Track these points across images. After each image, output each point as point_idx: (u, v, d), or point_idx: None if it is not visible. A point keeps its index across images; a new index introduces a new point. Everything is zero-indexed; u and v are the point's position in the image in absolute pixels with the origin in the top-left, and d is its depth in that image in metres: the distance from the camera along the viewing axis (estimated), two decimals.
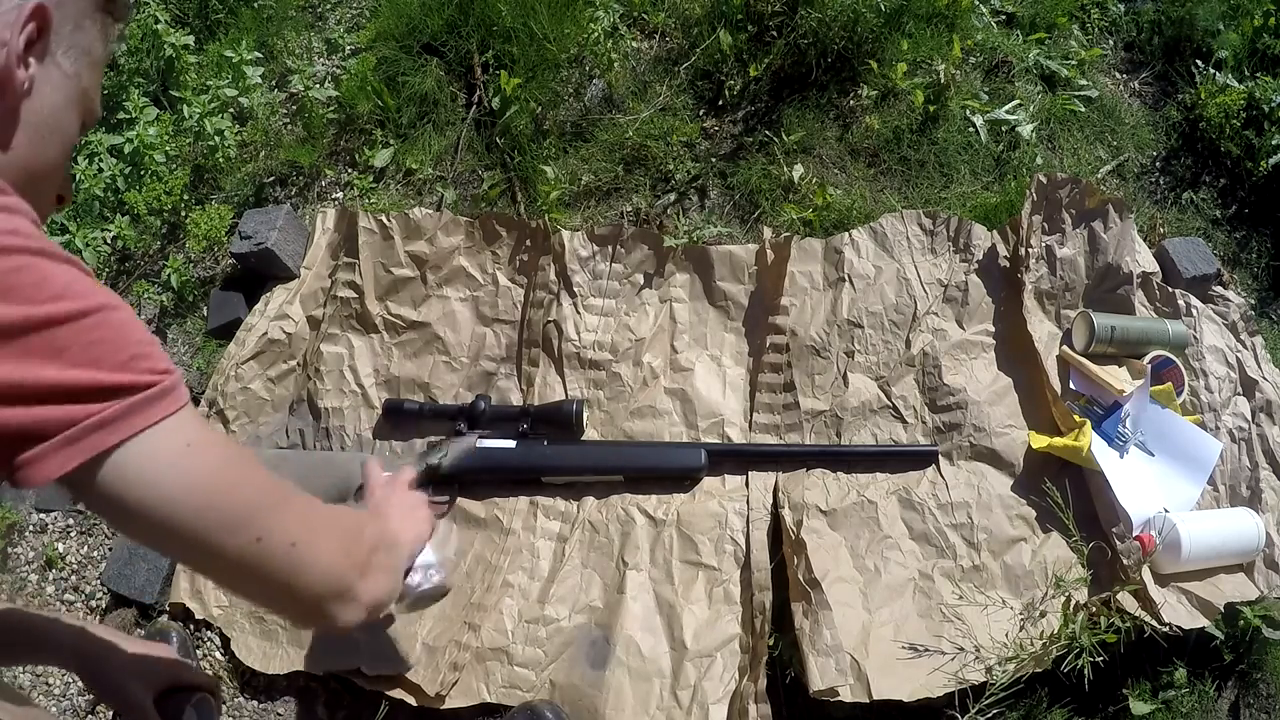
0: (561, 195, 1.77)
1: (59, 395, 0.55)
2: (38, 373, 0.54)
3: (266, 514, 0.65)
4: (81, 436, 0.56)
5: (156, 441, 0.59)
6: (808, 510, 1.46)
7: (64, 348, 0.56)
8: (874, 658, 1.32)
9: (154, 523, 0.60)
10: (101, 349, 0.57)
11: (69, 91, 0.67)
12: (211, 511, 0.62)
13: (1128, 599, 1.38)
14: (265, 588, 0.68)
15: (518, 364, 1.62)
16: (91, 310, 0.57)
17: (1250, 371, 1.65)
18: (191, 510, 0.61)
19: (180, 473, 0.60)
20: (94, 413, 0.56)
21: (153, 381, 0.59)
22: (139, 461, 0.58)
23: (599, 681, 1.34)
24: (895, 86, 1.86)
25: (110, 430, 0.57)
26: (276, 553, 0.65)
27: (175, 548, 0.64)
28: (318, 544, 0.69)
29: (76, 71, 0.67)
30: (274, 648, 1.43)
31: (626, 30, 1.93)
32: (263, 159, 1.88)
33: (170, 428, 0.60)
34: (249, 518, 0.64)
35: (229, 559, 0.64)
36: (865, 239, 1.63)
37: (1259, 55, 2.02)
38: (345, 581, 0.71)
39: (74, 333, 0.56)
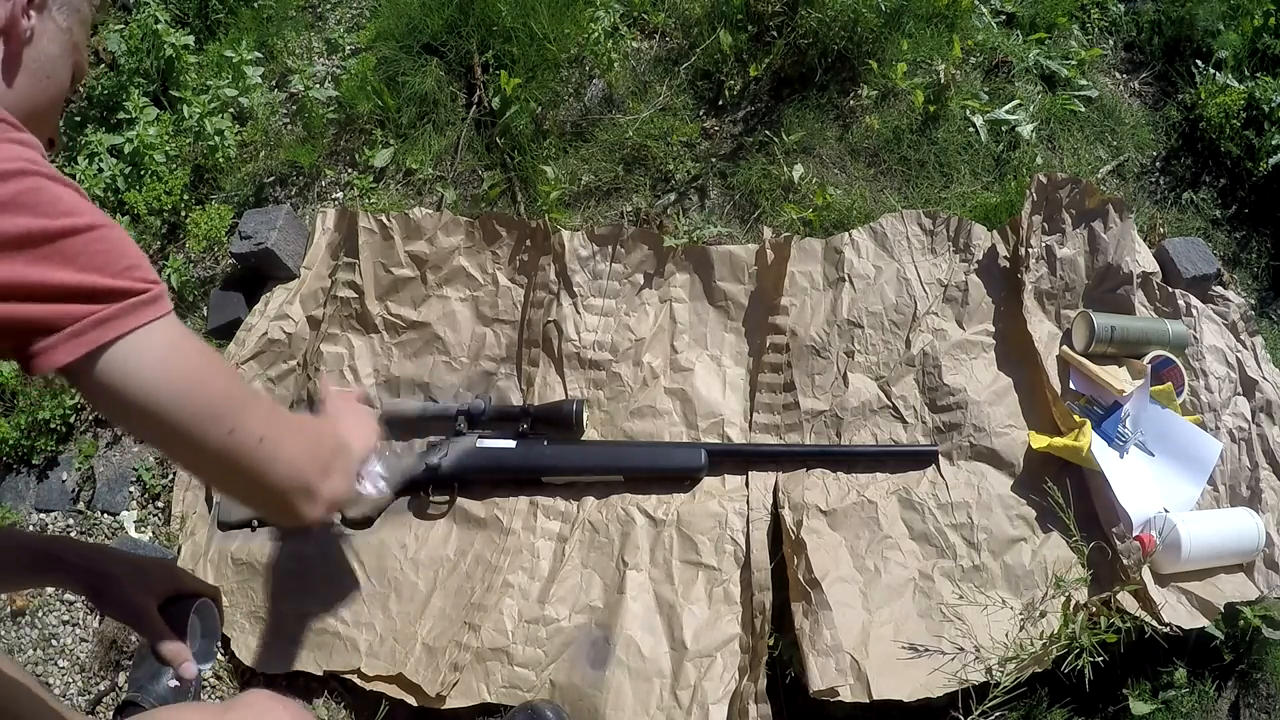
0: (561, 195, 1.77)
1: (69, 295, 0.64)
2: (52, 275, 0.64)
3: (237, 409, 0.72)
4: (86, 330, 0.65)
5: (147, 339, 0.67)
6: (808, 510, 1.46)
7: (74, 255, 0.65)
8: (874, 658, 1.32)
9: (141, 410, 0.68)
10: (105, 258, 0.67)
11: (63, 43, 0.78)
12: (190, 402, 0.69)
13: (1128, 599, 1.38)
14: (238, 479, 0.75)
15: (518, 364, 1.62)
16: (96, 225, 0.67)
17: (1250, 371, 1.65)
18: (172, 400, 0.69)
19: (165, 366, 0.69)
20: (96, 311, 0.65)
21: (145, 288, 0.68)
22: (132, 355, 0.67)
23: (599, 681, 1.34)
24: (895, 86, 1.86)
25: (110, 326, 0.66)
26: (247, 445, 0.73)
27: (158, 436, 0.71)
28: (283, 442, 0.76)
29: (69, 26, 0.78)
30: (274, 648, 1.43)
31: (626, 30, 1.93)
32: (263, 159, 1.88)
33: (158, 328, 0.69)
34: (222, 410, 0.71)
35: (206, 449, 0.71)
36: (865, 239, 1.63)
37: (1259, 55, 2.02)
38: (308, 478, 0.78)
39: (82, 243, 0.66)
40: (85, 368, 0.66)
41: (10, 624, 1.54)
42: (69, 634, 1.53)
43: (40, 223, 0.63)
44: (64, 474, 1.64)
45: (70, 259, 0.65)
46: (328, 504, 0.81)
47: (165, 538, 1.55)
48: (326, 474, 0.81)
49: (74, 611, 1.54)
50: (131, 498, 1.61)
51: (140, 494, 1.61)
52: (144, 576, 0.94)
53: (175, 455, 0.76)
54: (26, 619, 1.54)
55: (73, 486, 1.63)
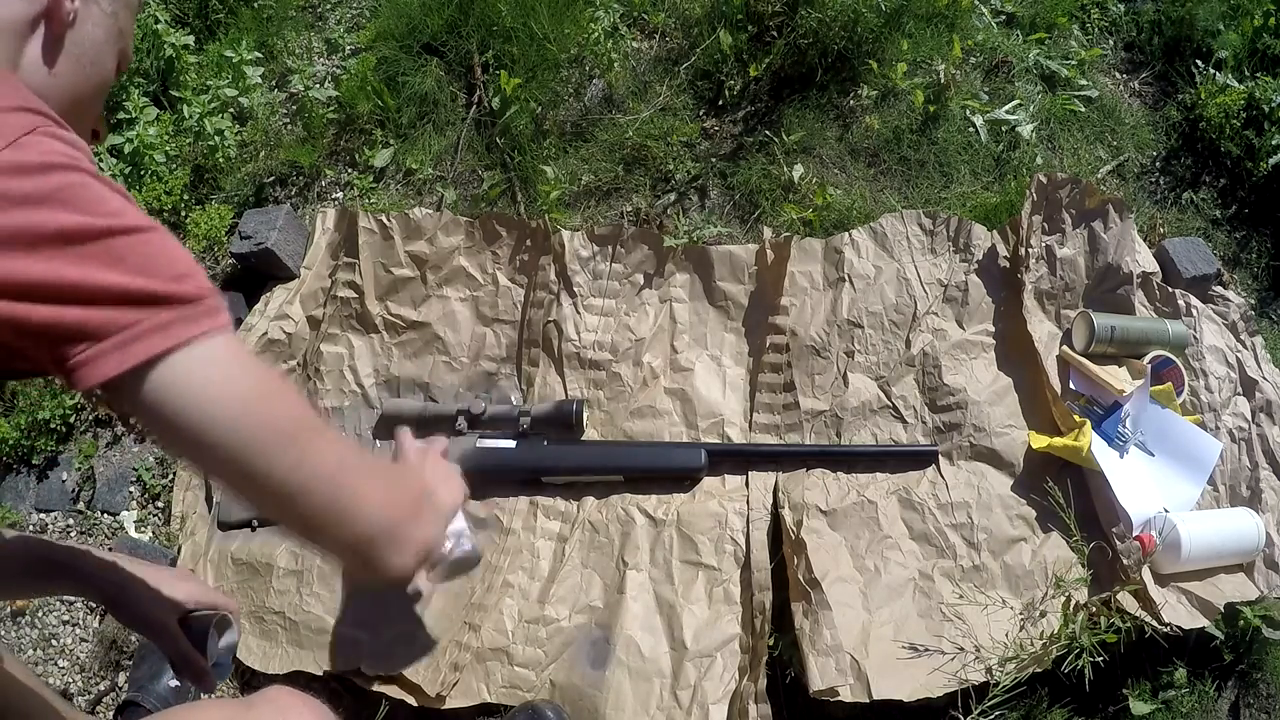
0: (561, 195, 1.77)
1: (115, 299, 0.58)
2: (97, 276, 0.57)
3: (305, 438, 0.64)
4: (134, 340, 0.58)
5: (202, 353, 0.60)
6: (808, 510, 1.46)
7: (122, 257, 0.59)
8: (874, 658, 1.32)
9: (196, 432, 0.60)
10: (156, 262, 0.60)
11: (108, 28, 0.74)
12: (249, 426, 0.61)
13: (1128, 599, 1.38)
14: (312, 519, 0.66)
15: (518, 364, 1.62)
16: (146, 228, 0.61)
17: (1250, 371, 1.65)
18: (232, 422, 0.61)
19: (224, 384, 0.61)
20: (148, 318, 0.58)
21: (201, 296, 0.62)
22: (184, 370, 0.59)
23: (599, 681, 1.34)
24: (895, 86, 1.86)
25: (161, 337, 0.59)
26: (319, 479, 0.64)
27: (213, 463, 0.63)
28: (361, 480, 0.67)
29: (114, 10, 0.74)
30: (274, 648, 1.43)
31: (626, 30, 1.93)
32: (263, 159, 1.89)
33: (216, 342, 0.61)
34: (287, 438, 0.63)
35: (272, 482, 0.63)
36: (865, 239, 1.63)
37: (1259, 55, 2.02)
38: (395, 520, 0.69)
39: (131, 244, 0.59)
40: (133, 383, 0.58)
41: (10, 624, 1.54)
42: (69, 634, 1.53)
43: (85, 219, 0.58)
44: (64, 474, 1.64)
45: (118, 260, 0.58)
46: (418, 552, 0.71)
47: (165, 538, 1.55)
48: (416, 518, 0.72)
49: (74, 611, 1.54)
50: (131, 498, 1.61)
51: (140, 494, 1.61)
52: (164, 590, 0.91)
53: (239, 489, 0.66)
54: (26, 619, 1.54)
55: (73, 486, 1.63)
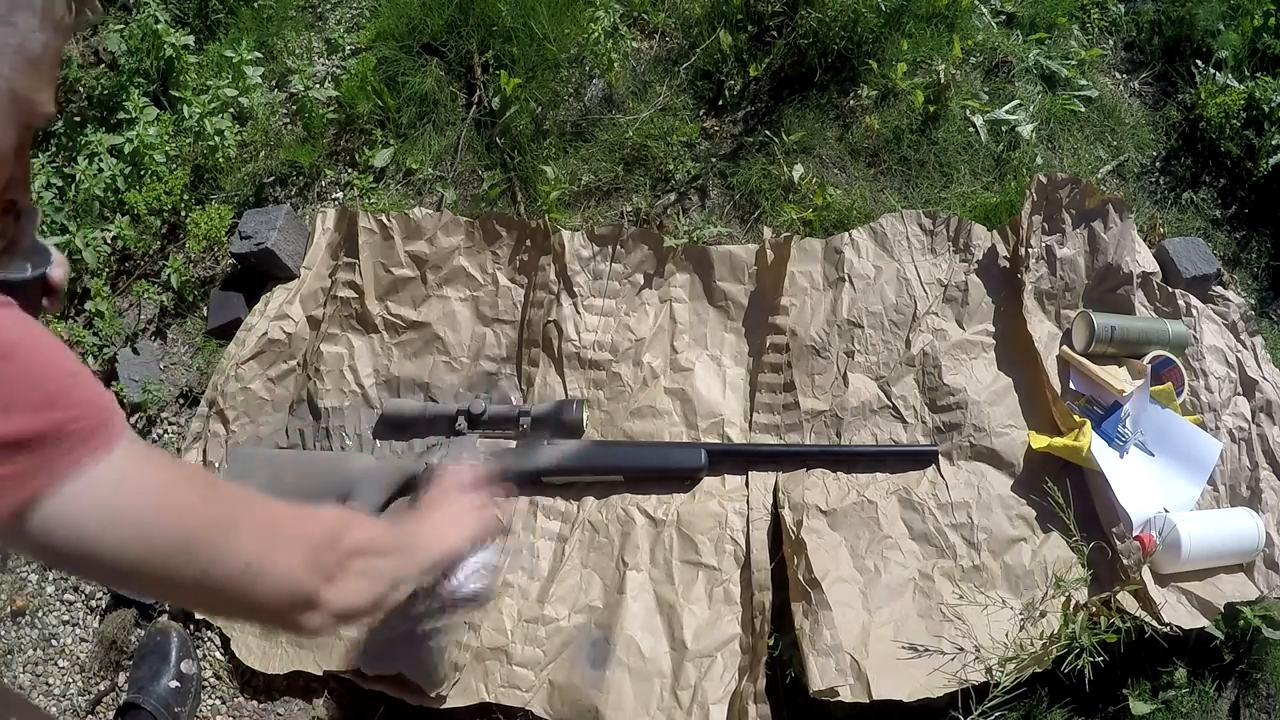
0: (561, 195, 1.77)
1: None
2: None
3: (212, 542, 0.63)
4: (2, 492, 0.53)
5: (83, 486, 0.56)
6: (808, 510, 1.46)
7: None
8: (874, 658, 1.32)
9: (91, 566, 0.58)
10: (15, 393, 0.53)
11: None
12: (150, 551, 0.59)
13: (1128, 599, 1.38)
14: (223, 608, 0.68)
15: (518, 364, 1.62)
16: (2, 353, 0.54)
17: (1250, 371, 1.65)
18: (127, 552, 0.58)
19: (110, 516, 0.57)
20: (8, 468, 0.53)
21: (69, 423, 0.55)
22: (65, 509, 0.55)
23: (599, 682, 1.34)
24: (895, 86, 1.86)
25: (30, 480, 0.54)
26: (228, 576, 0.64)
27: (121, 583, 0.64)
28: (273, 559, 0.67)
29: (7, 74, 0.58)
30: (273, 648, 1.43)
31: (626, 30, 1.93)
32: (263, 159, 1.88)
33: (98, 471, 0.56)
34: (193, 550, 0.61)
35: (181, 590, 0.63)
36: (865, 239, 1.63)
37: (1259, 55, 2.02)
38: (305, 591, 0.69)
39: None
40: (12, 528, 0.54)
41: (10, 624, 1.54)
42: (69, 634, 1.52)
43: None
44: None
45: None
46: (337, 614, 0.71)
47: None
48: (333, 581, 0.71)
49: (74, 611, 1.54)
50: None
51: None
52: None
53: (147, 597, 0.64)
54: (26, 619, 1.54)
55: None
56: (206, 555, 0.62)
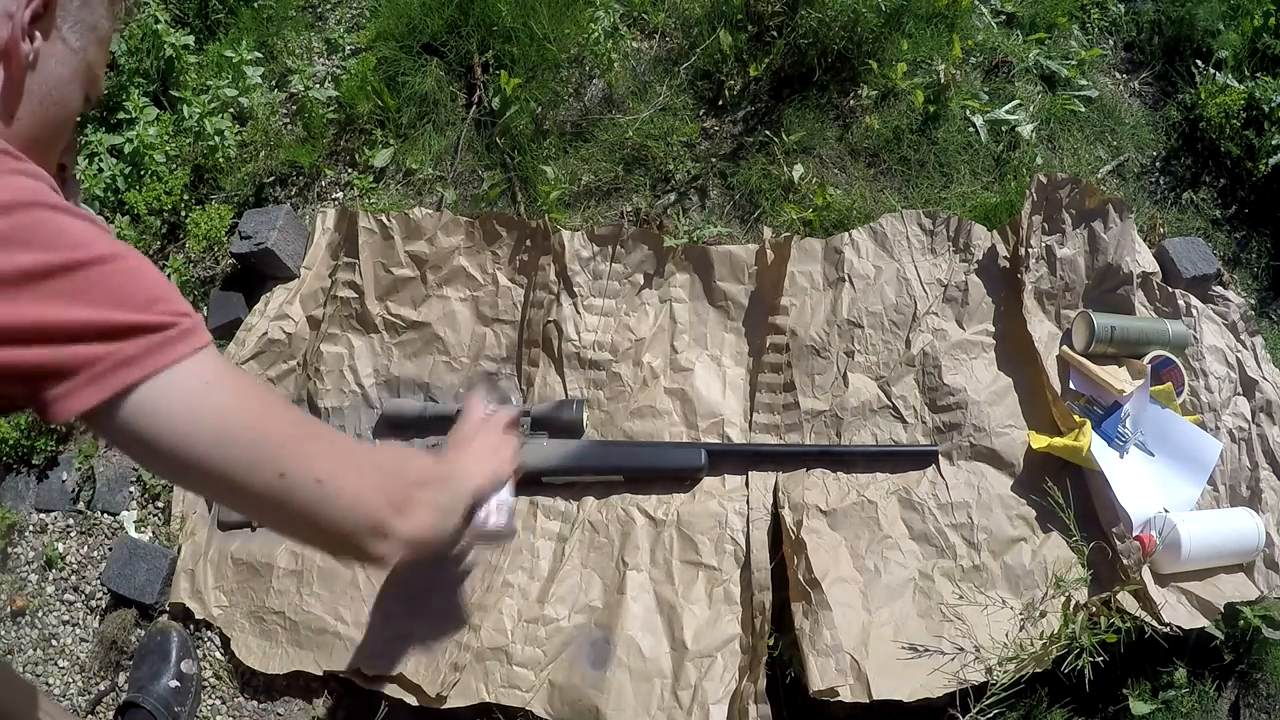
0: (561, 195, 1.77)
1: (83, 335, 0.58)
2: (60, 313, 0.57)
3: (288, 450, 0.67)
4: (105, 374, 0.59)
5: (176, 379, 0.61)
6: (808, 510, 1.46)
7: (86, 290, 0.58)
8: (874, 658, 1.32)
9: (173, 458, 0.62)
10: (122, 291, 0.60)
11: (74, 66, 0.70)
12: (230, 447, 0.63)
13: (1128, 599, 1.38)
14: (293, 523, 0.70)
15: (518, 364, 1.62)
16: (110, 256, 0.60)
17: (1250, 371, 1.65)
18: (209, 445, 0.63)
19: (200, 408, 0.62)
20: (116, 351, 0.59)
21: (172, 322, 0.62)
22: (158, 398, 0.60)
23: (600, 682, 1.34)
24: (895, 86, 1.86)
25: (132, 368, 0.59)
26: (301, 489, 0.67)
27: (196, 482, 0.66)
28: (347, 481, 0.70)
29: (83, 46, 0.70)
30: (273, 648, 1.43)
31: (626, 30, 1.93)
32: (263, 159, 1.88)
33: (191, 366, 0.62)
34: (269, 454, 0.66)
35: (252, 494, 0.66)
36: (865, 239, 1.63)
37: (1259, 55, 2.02)
38: (377, 517, 0.72)
39: (97, 276, 0.59)
40: (107, 414, 0.60)
41: (10, 624, 1.54)
42: (69, 634, 1.53)
43: (44, 257, 0.57)
44: (64, 474, 1.64)
45: (81, 294, 0.58)
46: (406, 543, 0.75)
47: (165, 538, 1.55)
48: (402, 511, 0.75)
49: (74, 611, 1.54)
50: (131, 498, 1.61)
51: (140, 494, 1.61)
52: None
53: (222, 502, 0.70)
54: (26, 619, 1.54)
55: (73, 486, 1.63)
56: (281, 460, 0.66)
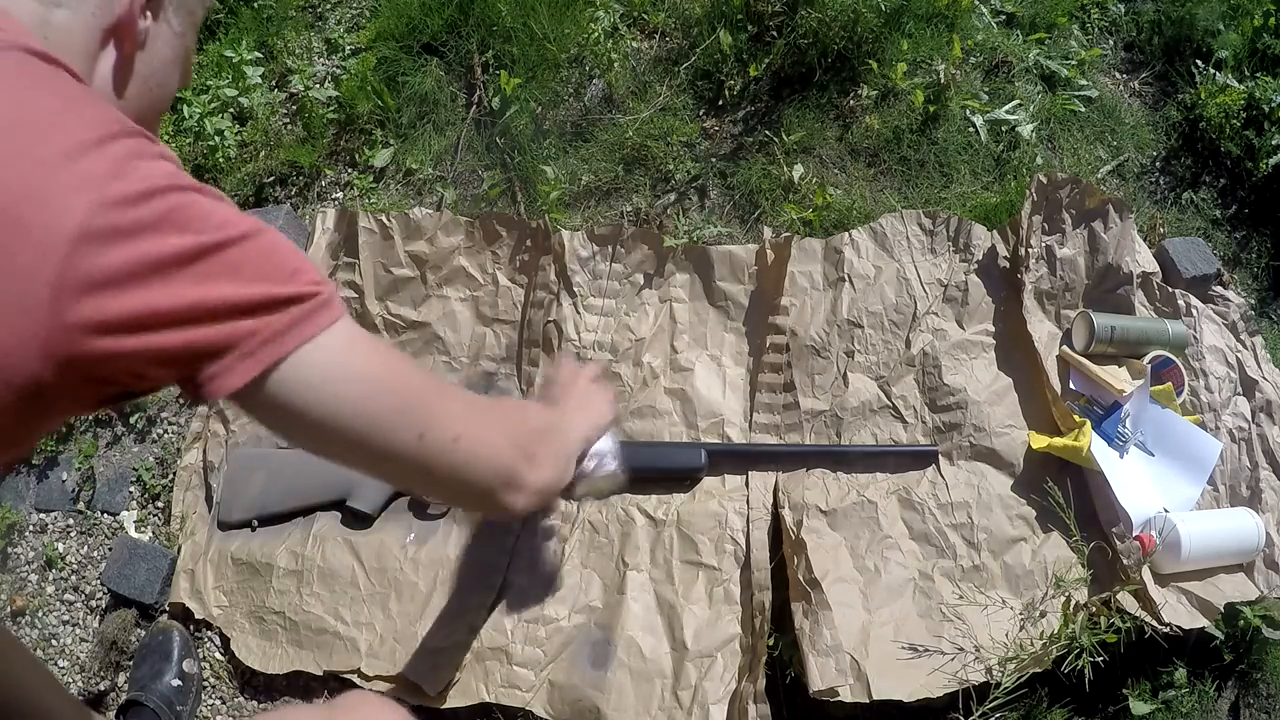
0: (561, 195, 1.77)
1: (236, 311, 0.59)
2: (216, 292, 0.58)
3: (428, 410, 0.68)
4: (258, 348, 0.60)
5: (321, 348, 0.62)
6: (808, 510, 1.46)
7: (236, 267, 0.59)
8: (874, 658, 1.32)
9: (320, 425, 0.63)
10: (269, 265, 0.61)
11: (176, 48, 0.72)
12: (374, 410, 0.65)
13: (1128, 599, 1.38)
14: (438, 483, 0.71)
15: (518, 364, 1.62)
16: (253, 232, 0.62)
17: (1250, 371, 1.65)
18: (355, 410, 0.64)
19: (343, 375, 0.63)
20: (267, 325, 0.60)
21: (316, 291, 0.63)
22: (307, 367, 0.61)
23: (600, 682, 1.34)
24: (895, 86, 1.86)
25: (285, 338, 0.61)
26: (441, 448, 0.68)
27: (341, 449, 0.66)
28: (481, 436, 0.71)
29: (183, 30, 0.73)
30: (273, 647, 1.43)
31: (626, 30, 1.93)
32: (263, 159, 1.88)
33: (335, 333, 0.63)
34: (411, 414, 0.67)
35: (396, 458, 0.67)
36: (865, 239, 1.63)
37: (1259, 55, 2.02)
38: (513, 470, 0.74)
39: (243, 253, 0.60)
40: (259, 388, 0.61)
41: (10, 624, 1.54)
42: (69, 634, 1.53)
43: (196, 239, 0.58)
44: (64, 474, 1.64)
45: (234, 272, 0.59)
46: (538, 492, 0.78)
47: (165, 538, 1.55)
48: (532, 461, 0.77)
49: (74, 611, 1.54)
50: (131, 498, 1.61)
51: (140, 494, 1.61)
52: None
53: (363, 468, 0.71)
54: (26, 619, 1.54)
55: (73, 486, 1.63)
56: (422, 420, 0.67)
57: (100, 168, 0.55)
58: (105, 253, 0.54)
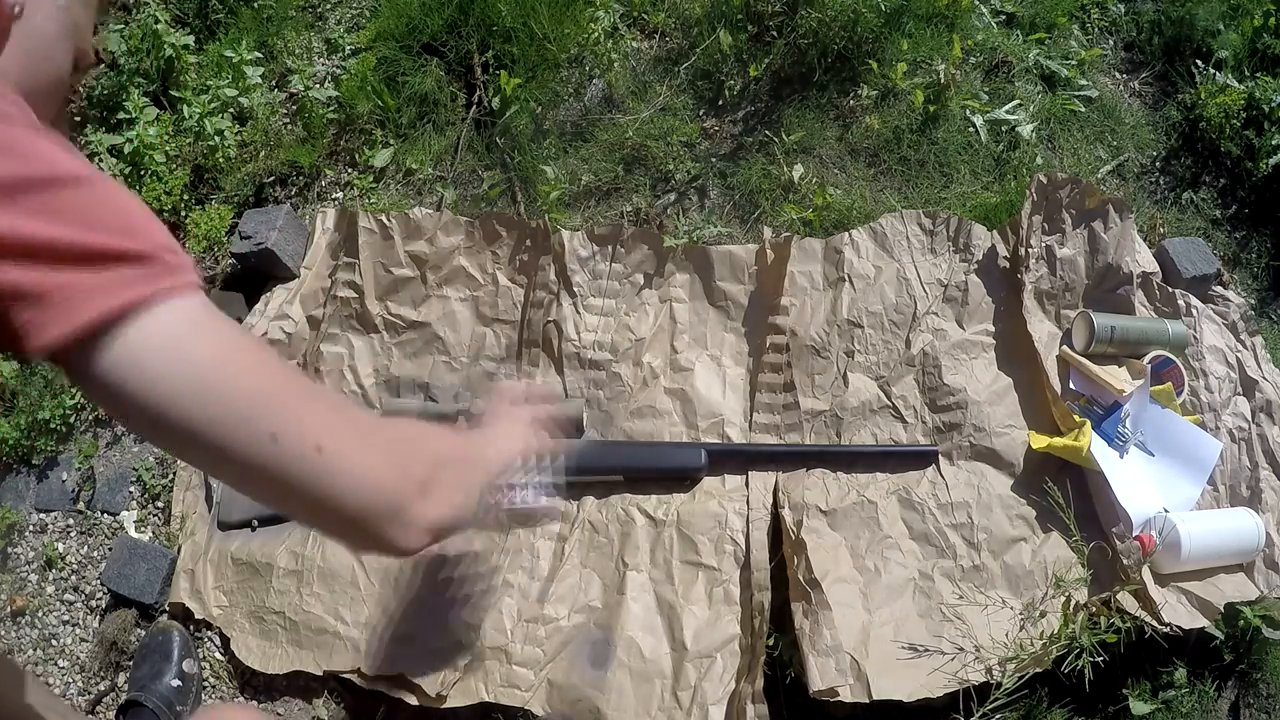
0: (561, 195, 1.77)
1: (55, 256, 0.51)
2: (34, 229, 0.51)
3: (282, 408, 0.58)
4: (79, 303, 0.51)
5: (161, 317, 0.54)
6: (808, 510, 1.46)
7: (64, 209, 0.52)
8: (874, 658, 1.32)
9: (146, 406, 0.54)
10: (100, 215, 0.54)
11: (61, 22, 0.68)
12: (213, 399, 0.55)
13: (1128, 599, 1.38)
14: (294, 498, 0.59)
15: (518, 364, 1.62)
16: (88, 177, 0.54)
17: (1250, 371, 1.65)
18: (189, 396, 0.54)
19: (181, 352, 0.54)
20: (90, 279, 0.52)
21: (153, 254, 0.54)
22: (139, 336, 0.53)
23: (600, 682, 1.34)
24: (895, 86, 1.86)
25: (106, 298, 0.52)
26: (298, 455, 0.57)
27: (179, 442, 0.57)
28: (354, 452, 0.60)
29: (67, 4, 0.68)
30: (273, 647, 1.43)
31: (626, 30, 1.93)
32: (263, 159, 1.88)
33: (178, 306, 0.55)
34: (261, 411, 0.57)
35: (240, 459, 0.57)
36: (865, 239, 1.63)
37: (1259, 55, 2.02)
38: (398, 500, 0.62)
39: (76, 196, 0.53)
40: (83, 351, 0.52)
41: (10, 624, 1.54)
42: (69, 634, 1.53)
43: (17, 166, 0.51)
44: (64, 474, 1.64)
45: (59, 212, 0.52)
46: (429, 529, 0.65)
47: (165, 538, 1.55)
48: (425, 492, 0.64)
49: (74, 611, 1.54)
50: (131, 498, 1.61)
51: (140, 494, 1.61)
52: None
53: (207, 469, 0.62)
54: (26, 619, 1.54)
55: (73, 486, 1.63)
56: (272, 420, 0.57)
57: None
58: None
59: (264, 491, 0.60)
